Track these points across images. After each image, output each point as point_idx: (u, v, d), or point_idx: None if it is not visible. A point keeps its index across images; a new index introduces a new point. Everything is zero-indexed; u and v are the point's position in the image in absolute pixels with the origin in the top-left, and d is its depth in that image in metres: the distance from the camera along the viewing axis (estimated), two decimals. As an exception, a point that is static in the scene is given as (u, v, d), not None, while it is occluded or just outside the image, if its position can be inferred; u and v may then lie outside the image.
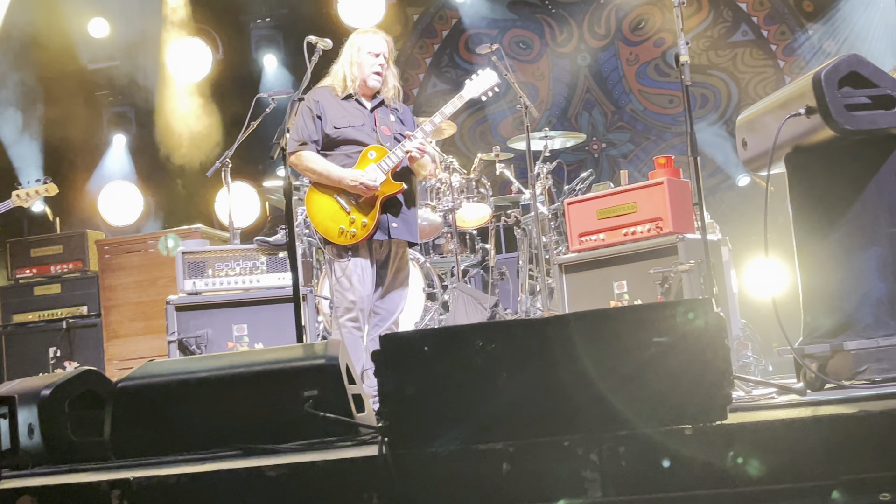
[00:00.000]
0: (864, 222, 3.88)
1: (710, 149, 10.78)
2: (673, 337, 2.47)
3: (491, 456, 2.51)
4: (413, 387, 2.61)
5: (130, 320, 8.06)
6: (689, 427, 2.41)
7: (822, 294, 3.96)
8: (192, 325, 6.48)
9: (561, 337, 2.55)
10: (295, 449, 3.11)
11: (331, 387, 3.37)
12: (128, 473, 2.77)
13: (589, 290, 6.28)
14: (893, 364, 3.67)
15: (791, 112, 3.90)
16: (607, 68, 11.36)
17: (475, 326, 2.70)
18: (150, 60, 11.27)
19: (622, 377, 2.49)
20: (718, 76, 10.96)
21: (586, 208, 6.43)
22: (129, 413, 3.44)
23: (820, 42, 10.50)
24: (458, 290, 7.53)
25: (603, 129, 11.32)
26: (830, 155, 3.95)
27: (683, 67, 4.43)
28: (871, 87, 3.85)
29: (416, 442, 2.58)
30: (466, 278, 8.16)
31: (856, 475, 2.29)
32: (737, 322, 6.37)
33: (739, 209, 10.39)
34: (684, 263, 5.72)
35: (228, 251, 6.76)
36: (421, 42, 11.87)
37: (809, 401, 3.10)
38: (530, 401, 2.55)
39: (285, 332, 6.29)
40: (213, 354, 6.03)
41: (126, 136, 11.74)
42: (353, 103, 5.98)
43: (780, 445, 2.35)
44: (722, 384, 2.43)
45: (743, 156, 4.44)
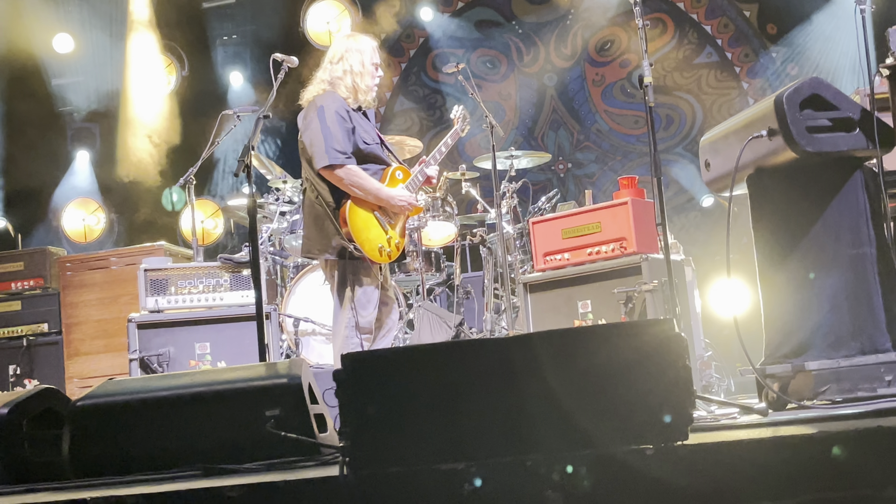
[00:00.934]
0: (825, 243, 3.92)
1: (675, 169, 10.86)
2: (635, 357, 2.47)
3: (453, 476, 2.50)
4: (375, 406, 2.60)
5: (92, 338, 7.96)
6: (651, 447, 2.41)
7: (784, 314, 3.98)
8: (153, 343, 6.42)
9: (524, 356, 2.54)
10: (256, 469, 3.08)
11: (293, 406, 3.35)
12: (85, 493, 2.74)
13: (554, 309, 6.28)
14: (854, 384, 3.70)
15: (753, 134, 3.93)
16: (573, 88, 11.42)
17: (438, 345, 2.69)
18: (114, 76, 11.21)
19: (585, 397, 2.48)
20: (683, 97, 11.05)
21: (551, 228, 6.44)
22: (88, 432, 3.39)
23: (783, 65, 10.61)
24: (423, 308, 7.51)
25: (569, 149, 11.37)
26: (792, 176, 3.99)
27: (647, 88, 4.46)
28: (833, 109, 3.89)
29: (377, 462, 2.56)
30: (432, 297, 8.15)
31: (815, 495, 2.29)
32: (700, 342, 6.39)
33: (704, 230, 10.46)
34: (648, 283, 5.74)
35: (191, 268, 6.71)
36: (388, 60, 11.88)
37: (771, 421, 3.11)
38: (493, 420, 2.54)
39: (248, 351, 6.25)
40: (173, 373, 5.97)
41: (90, 152, 11.65)
42: (362, 116, 5.75)
43: (741, 466, 2.36)
44: (683, 404, 2.43)
45: (706, 177, 4.47)
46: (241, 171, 4.84)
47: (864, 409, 3.02)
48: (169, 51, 11.33)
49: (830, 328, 3.88)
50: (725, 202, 4.08)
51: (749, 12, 10.90)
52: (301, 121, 5.63)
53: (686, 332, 5.91)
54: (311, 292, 7.35)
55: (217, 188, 11.26)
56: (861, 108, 3.91)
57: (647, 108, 4.45)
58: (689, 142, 10.91)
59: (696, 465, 2.38)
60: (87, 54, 11.26)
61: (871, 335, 3.84)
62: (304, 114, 5.63)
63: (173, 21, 11.22)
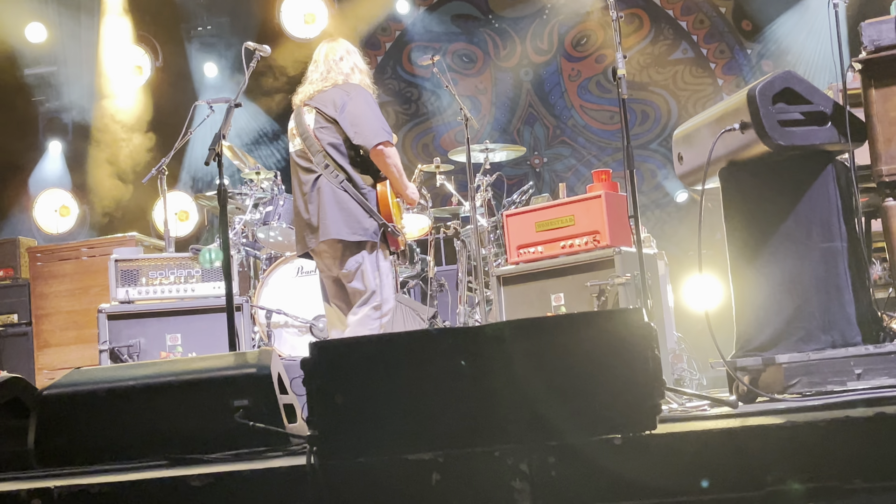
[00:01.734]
0: (796, 237, 3.92)
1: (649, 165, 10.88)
2: (603, 346, 2.46)
3: (420, 466, 2.49)
4: (343, 395, 2.58)
5: (62, 329, 7.90)
6: (619, 437, 2.41)
7: (755, 308, 3.99)
8: (124, 334, 6.37)
9: (493, 345, 2.53)
10: (223, 459, 3.05)
11: (262, 396, 3.32)
12: (49, 482, 2.70)
13: (527, 302, 6.28)
14: (824, 378, 3.70)
15: (726, 127, 3.93)
16: (549, 83, 11.42)
17: (405, 335, 2.67)
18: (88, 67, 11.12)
19: (553, 386, 2.47)
20: (658, 93, 11.07)
21: (525, 221, 6.43)
22: (54, 422, 3.36)
23: (758, 61, 10.65)
24: (396, 301, 7.49)
25: (544, 144, 11.37)
26: (764, 170, 3.99)
27: (621, 81, 4.45)
28: (805, 103, 3.90)
29: (345, 451, 2.54)
30: (405, 289, 8.13)
31: (782, 486, 2.29)
32: (672, 335, 6.41)
33: (678, 225, 10.49)
34: (621, 276, 5.75)
35: (163, 259, 6.66)
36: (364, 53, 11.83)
37: (740, 413, 3.11)
38: (461, 410, 2.53)
39: (220, 342, 6.21)
40: (142, 363, 5.93)
41: (62, 142, 11.55)
42: None
43: (709, 456, 2.35)
44: (652, 394, 2.42)
45: (679, 170, 4.47)
46: (211, 159, 4.79)
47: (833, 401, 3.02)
48: (143, 41, 11.24)
49: (801, 322, 3.89)
50: (698, 196, 4.07)
51: (724, 9, 10.93)
52: (338, 97, 5.54)
53: (658, 326, 5.92)
54: (284, 284, 7.32)
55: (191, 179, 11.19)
56: (833, 102, 3.92)
57: (620, 100, 4.44)
58: (664, 138, 10.94)
59: (664, 454, 2.37)
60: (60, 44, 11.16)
61: (841, 329, 3.85)
62: (339, 96, 5.55)
63: (147, 11, 11.15)
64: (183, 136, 7.25)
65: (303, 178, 5.54)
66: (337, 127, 5.49)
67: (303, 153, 5.56)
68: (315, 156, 5.48)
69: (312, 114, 5.57)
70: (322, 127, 5.51)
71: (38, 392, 3.46)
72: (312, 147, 5.49)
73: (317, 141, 5.49)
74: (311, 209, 5.46)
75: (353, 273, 5.45)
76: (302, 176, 5.56)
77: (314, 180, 5.48)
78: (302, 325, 7.08)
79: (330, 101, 5.53)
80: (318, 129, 5.51)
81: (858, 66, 3.97)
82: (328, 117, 5.50)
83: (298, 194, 5.58)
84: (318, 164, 5.47)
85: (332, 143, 5.49)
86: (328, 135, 5.50)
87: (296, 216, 5.62)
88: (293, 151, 5.64)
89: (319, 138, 5.50)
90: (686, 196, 10.34)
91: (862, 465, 2.30)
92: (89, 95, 11.13)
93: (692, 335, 7.14)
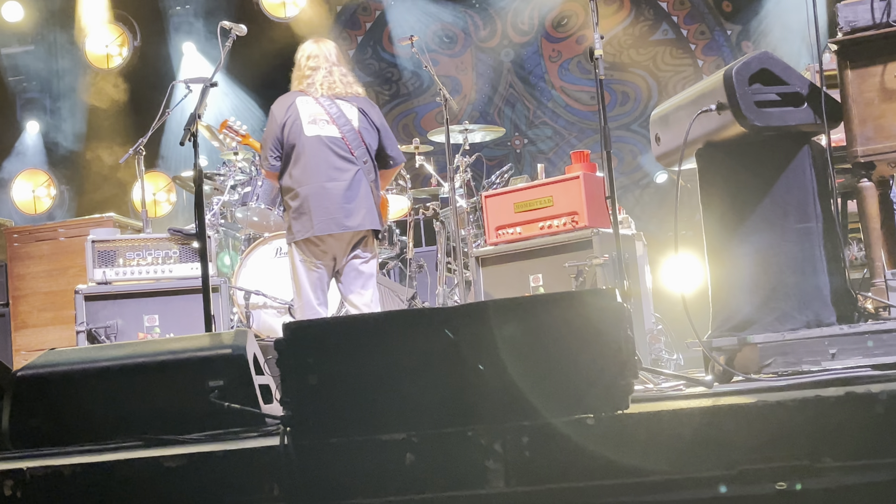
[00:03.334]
0: (772, 218, 3.93)
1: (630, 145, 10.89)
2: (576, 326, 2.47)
3: (394, 446, 2.49)
4: (316, 376, 2.58)
5: (39, 310, 7.85)
6: (592, 417, 2.41)
7: (731, 288, 4.00)
8: (101, 315, 6.34)
9: (465, 326, 2.53)
10: (198, 440, 3.05)
11: (237, 377, 3.32)
12: (22, 464, 2.70)
13: (505, 282, 6.29)
14: (799, 357, 3.72)
15: (702, 108, 3.94)
16: (530, 64, 11.40)
17: (380, 315, 2.67)
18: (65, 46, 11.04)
19: (526, 366, 2.48)
20: (639, 74, 11.06)
21: (504, 202, 6.43)
22: (29, 402, 3.34)
23: (738, 42, 10.66)
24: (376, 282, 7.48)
25: (525, 125, 11.36)
26: (740, 151, 4.00)
27: (598, 61, 4.45)
28: (782, 84, 3.90)
29: (318, 432, 2.55)
30: (384, 271, 8.12)
31: (753, 465, 2.30)
32: (650, 316, 6.42)
33: (658, 206, 10.51)
34: (599, 257, 5.76)
35: (140, 240, 6.63)
36: (344, 34, 11.79)
37: (714, 392, 3.13)
38: (435, 390, 2.53)
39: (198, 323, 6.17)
40: (117, 343, 5.91)
41: (39, 122, 11.47)
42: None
43: (682, 435, 2.37)
44: (624, 374, 2.43)
45: (656, 151, 4.47)
46: (186, 139, 4.77)
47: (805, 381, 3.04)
48: (121, 20, 11.16)
49: (776, 302, 3.90)
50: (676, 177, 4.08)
51: (705, -11, 10.93)
52: (373, 108, 6.03)
53: (635, 306, 5.94)
54: (263, 265, 7.29)
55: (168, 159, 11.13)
56: (809, 83, 3.92)
57: (597, 80, 4.44)
58: (644, 119, 10.93)
59: (637, 434, 2.38)
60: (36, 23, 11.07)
61: (816, 309, 3.87)
62: (374, 108, 6.06)
63: (125, -10, 11.07)
64: (160, 116, 7.20)
65: (339, 165, 5.77)
66: (377, 134, 5.95)
67: (341, 143, 5.80)
68: (357, 149, 5.82)
69: (355, 111, 5.89)
70: (366, 128, 5.89)
71: (12, 373, 3.45)
72: (354, 141, 5.82)
73: (360, 138, 5.85)
74: (350, 196, 5.74)
75: (368, 259, 5.89)
76: (338, 162, 5.78)
77: (356, 171, 5.79)
78: (281, 305, 7.06)
79: (370, 109, 5.99)
80: (362, 129, 5.87)
81: (834, 48, 3.98)
82: (372, 123, 5.93)
83: (325, 178, 5.74)
84: (359, 158, 5.82)
85: (373, 145, 5.93)
86: (370, 137, 5.91)
87: (322, 198, 5.69)
88: (325, 136, 5.79)
89: (363, 136, 5.87)
90: (666, 177, 10.35)
91: (832, 445, 2.32)
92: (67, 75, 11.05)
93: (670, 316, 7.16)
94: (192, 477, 2.54)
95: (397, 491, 2.48)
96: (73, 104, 11.05)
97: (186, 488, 2.55)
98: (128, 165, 7.49)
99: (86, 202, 10.92)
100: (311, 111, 5.82)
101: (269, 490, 2.51)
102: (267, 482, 2.51)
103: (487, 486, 2.43)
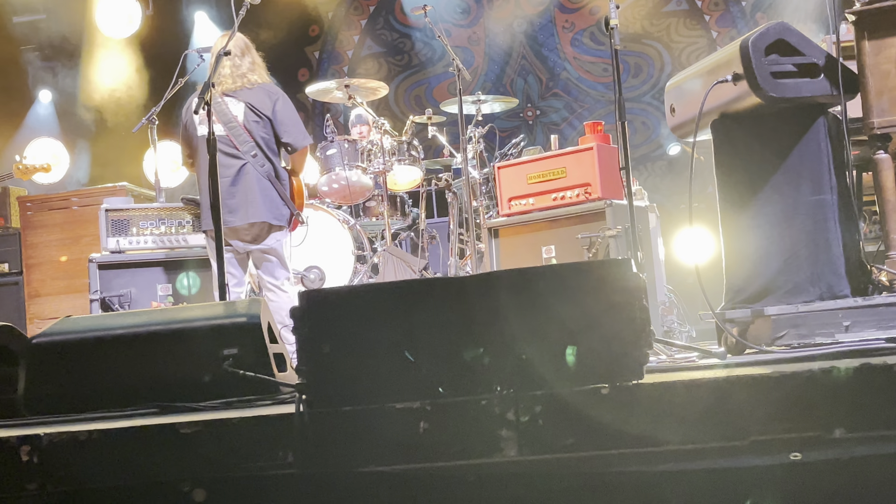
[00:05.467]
0: (786, 190, 3.92)
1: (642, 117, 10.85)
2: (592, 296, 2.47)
3: (408, 414, 2.50)
4: (331, 344, 2.58)
5: (53, 279, 7.89)
6: (606, 386, 2.42)
7: (744, 260, 3.99)
8: (115, 283, 6.38)
9: (480, 295, 2.53)
10: (212, 407, 3.06)
11: (251, 345, 3.33)
12: (39, 429, 2.71)
13: (518, 254, 6.29)
14: (812, 330, 3.72)
15: (718, 78, 3.91)
16: (543, 35, 11.34)
17: (395, 283, 2.67)
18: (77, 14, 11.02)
19: (541, 335, 2.48)
20: (652, 45, 11.00)
21: (516, 173, 6.42)
22: (44, 370, 3.36)
23: (752, 13, 10.59)
24: (387, 252, 7.50)
25: (537, 97, 11.32)
26: (756, 122, 3.98)
27: (613, 31, 4.43)
28: (798, 55, 3.88)
29: (333, 400, 2.55)
30: (396, 241, 8.13)
31: (768, 435, 2.31)
32: (662, 288, 6.42)
33: (670, 179, 10.48)
34: (611, 228, 5.75)
35: (153, 209, 6.65)
36: (356, 3, 11.75)
37: (727, 363, 3.13)
38: (449, 359, 2.54)
39: (211, 292, 6.22)
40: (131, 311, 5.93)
41: (52, 91, 11.47)
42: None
43: (695, 405, 2.37)
44: (639, 343, 2.43)
45: (671, 122, 4.46)
46: (201, 107, 4.77)
47: (819, 352, 3.04)
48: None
49: (790, 275, 3.90)
50: (690, 148, 4.07)
51: (720, -40, 10.85)
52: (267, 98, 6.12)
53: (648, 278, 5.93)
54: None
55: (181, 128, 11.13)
56: (826, 53, 3.90)
57: (612, 50, 4.41)
58: (657, 90, 10.89)
59: (651, 404, 2.38)
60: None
61: (829, 282, 3.86)
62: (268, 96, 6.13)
63: (138, -42, 11.03)
64: (173, 85, 7.20)
65: (223, 162, 5.89)
66: (268, 123, 6.09)
67: (226, 140, 5.98)
68: (243, 145, 6.00)
69: (241, 106, 6.07)
70: (254, 121, 6.05)
71: (27, 340, 3.46)
72: (240, 137, 6.01)
73: (246, 132, 6.02)
74: (233, 191, 5.94)
75: (272, 249, 6.09)
76: (223, 159, 5.90)
77: (240, 167, 5.98)
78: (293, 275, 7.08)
79: (260, 99, 6.10)
80: (248, 122, 6.04)
81: (852, 18, 3.95)
82: (260, 113, 6.07)
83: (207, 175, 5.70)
84: (245, 153, 5.99)
85: (263, 136, 6.07)
86: (260, 129, 6.06)
87: (207, 195, 5.77)
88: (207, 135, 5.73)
89: (250, 130, 6.03)
90: (678, 149, 10.31)
91: (846, 416, 2.31)
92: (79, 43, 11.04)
93: (682, 288, 7.16)
94: (207, 443, 2.55)
95: (411, 459, 2.49)
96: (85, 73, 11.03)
97: (201, 455, 2.56)
98: (141, 134, 7.49)
99: (98, 171, 10.94)
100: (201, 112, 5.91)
101: (283, 457, 2.52)
102: (281, 449, 2.52)
103: (500, 455, 2.44)
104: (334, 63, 11.79)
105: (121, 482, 2.57)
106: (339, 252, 7.25)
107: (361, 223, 7.82)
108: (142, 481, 2.57)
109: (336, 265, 7.17)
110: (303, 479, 2.50)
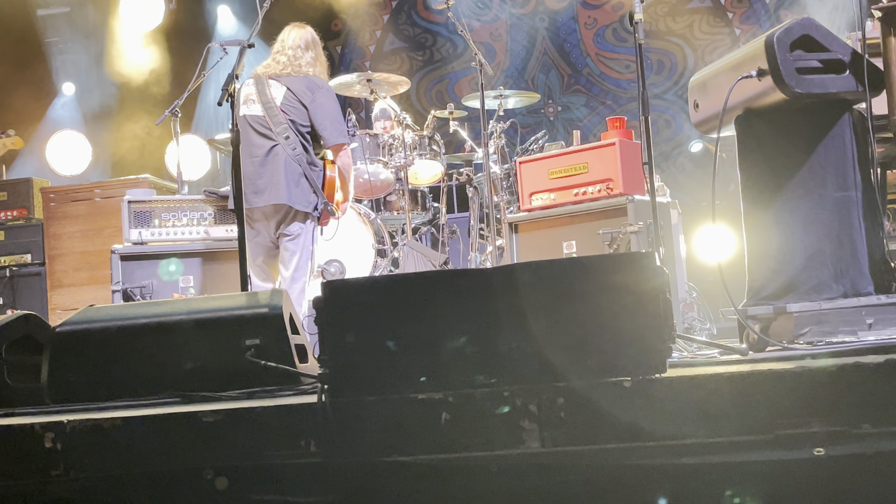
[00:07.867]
0: (810, 186, 3.90)
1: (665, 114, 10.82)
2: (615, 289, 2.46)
3: (430, 405, 2.50)
4: (354, 335, 2.59)
5: (75, 269, 7.92)
6: (629, 379, 2.41)
7: (767, 256, 3.97)
8: (136, 275, 6.40)
9: (504, 287, 2.53)
10: (235, 397, 3.07)
11: (273, 336, 3.34)
12: (62, 417, 2.73)
13: (538, 249, 6.28)
14: (835, 327, 3.70)
15: (743, 74, 3.90)
16: (565, 31, 11.32)
17: (417, 275, 2.68)
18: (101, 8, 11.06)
19: (563, 329, 2.48)
20: (675, 42, 10.97)
21: (538, 168, 6.41)
22: (67, 358, 3.38)
23: (776, 10, 10.53)
24: (408, 247, 7.50)
25: (559, 93, 11.30)
26: (780, 118, 3.96)
27: (637, 25, 4.41)
28: (823, 50, 3.85)
29: (355, 390, 2.56)
30: (417, 236, 8.12)
31: (792, 430, 2.30)
32: (683, 285, 6.40)
33: (692, 176, 10.44)
34: (633, 224, 5.74)
35: (176, 201, 6.67)
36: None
37: (751, 358, 3.12)
38: (472, 351, 2.54)
39: (232, 285, 6.23)
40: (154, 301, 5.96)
41: (75, 84, 11.53)
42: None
43: (719, 399, 2.36)
44: (662, 337, 2.43)
45: (694, 117, 4.44)
46: (224, 100, 4.78)
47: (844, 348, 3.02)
48: (157, -17, 11.17)
49: (813, 271, 3.87)
50: (713, 145, 4.05)
51: (743, -43, 10.80)
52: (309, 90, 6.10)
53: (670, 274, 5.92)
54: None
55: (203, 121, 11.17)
56: (852, 50, 3.87)
57: (636, 45, 4.40)
58: (679, 87, 10.85)
59: (674, 397, 2.38)
60: (73, -16, 11.10)
61: (853, 279, 3.84)
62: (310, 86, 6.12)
63: (161, -49, 11.06)
64: (196, 78, 7.21)
65: (256, 141, 5.98)
66: (305, 112, 6.06)
67: (262, 120, 6.00)
68: (277, 126, 5.99)
69: (282, 89, 6.09)
70: (291, 106, 6.04)
71: (51, 329, 3.48)
72: (276, 118, 5.99)
73: (282, 113, 6.01)
74: (262, 171, 5.92)
75: (294, 237, 5.99)
76: (256, 139, 5.99)
77: (271, 147, 5.96)
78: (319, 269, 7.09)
79: (301, 88, 6.10)
80: (285, 106, 6.04)
81: (878, 14, 3.92)
82: (299, 100, 6.06)
83: (247, 156, 5.90)
84: (278, 134, 5.97)
85: (300, 122, 6.06)
86: (296, 115, 6.05)
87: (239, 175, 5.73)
88: (249, 115, 6.06)
89: (286, 111, 6.03)
90: (700, 146, 10.27)
91: (871, 411, 2.31)
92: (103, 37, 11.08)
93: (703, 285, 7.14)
94: (230, 432, 2.57)
95: (433, 449, 2.49)
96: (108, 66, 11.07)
97: (224, 443, 2.57)
98: (164, 127, 7.52)
99: (121, 164, 10.99)
100: (246, 92, 6.14)
101: (305, 446, 2.53)
102: (304, 438, 2.53)
103: (522, 447, 2.44)
104: (356, 58, 11.80)
105: (143, 469, 2.59)
106: (360, 246, 7.25)
107: (382, 217, 7.82)
108: (164, 469, 2.58)
109: (356, 259, 7.18)
110: (325, 468, 2.51)
